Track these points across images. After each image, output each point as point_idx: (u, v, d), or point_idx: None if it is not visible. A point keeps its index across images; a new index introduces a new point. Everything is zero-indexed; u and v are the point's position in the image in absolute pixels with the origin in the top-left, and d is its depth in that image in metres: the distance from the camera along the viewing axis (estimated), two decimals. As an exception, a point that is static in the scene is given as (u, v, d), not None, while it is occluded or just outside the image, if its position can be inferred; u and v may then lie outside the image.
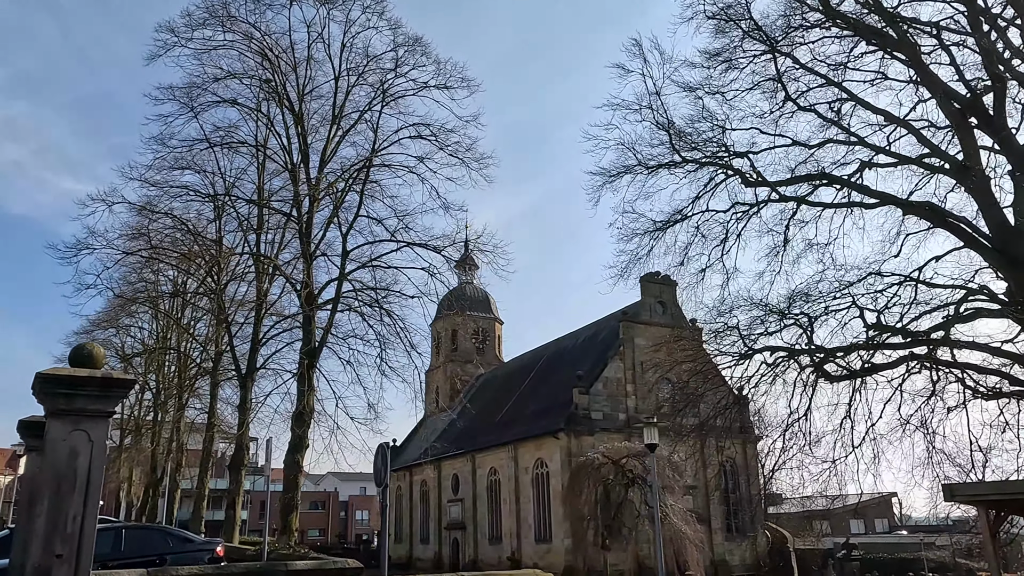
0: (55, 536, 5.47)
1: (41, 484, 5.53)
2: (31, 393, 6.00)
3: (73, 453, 5.69)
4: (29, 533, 5.39)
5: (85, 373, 5.77)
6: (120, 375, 6.00)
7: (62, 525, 5.51)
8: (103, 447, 5.78)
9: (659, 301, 42.40)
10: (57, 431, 5.64)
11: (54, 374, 5.66)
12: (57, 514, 5.51)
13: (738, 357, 21.70)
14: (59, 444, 5.62)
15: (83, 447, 5.72)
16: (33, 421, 8.12)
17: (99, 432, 5.79)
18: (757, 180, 21.01)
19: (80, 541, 5.52)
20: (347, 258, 20.25)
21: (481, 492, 45.54)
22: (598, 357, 41.59)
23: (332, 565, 8.58)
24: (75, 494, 5.62)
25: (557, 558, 36.41)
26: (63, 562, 5.42)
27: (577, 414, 37.57)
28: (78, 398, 5.74)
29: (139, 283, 34.48)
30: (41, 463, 5.66)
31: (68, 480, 5.61)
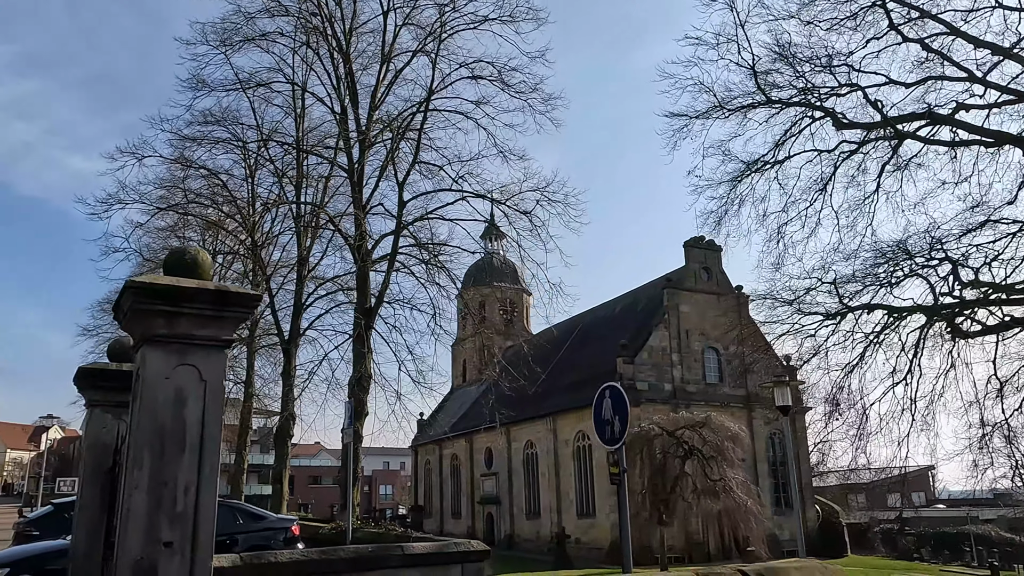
0: (159, 516, 3.74)
1: (137, 443, 3.78)
2: (113, 316, 4.27)
3: (179, 397, 3.94)
4: (126, 512, 3.65)
5: (193, 284, 4.01)
6: (240, 289, 4.23)
7: (168, 501, 3.79)
8: (220, 390, 4.03)
9: (704, 267, 40.47)
10: (156, 366, 3.90)
11: (150, 284, 3.89)
12: (160, 485, 3.78)
13: (824, 317, 19.82)
14: (159, 385, 3.88)
15: (193, 389, 3.98)
16: (92, 368, 6.38)
17: (213, 369, 4.04)
18: (850, 122, 18.96)
19: (197, 523, 3.79)
20: (403, 209, 18.45)
21: (517, 466, 44.06)
22: (640, 326, 39.77)
23: (454, 548, 6.93)
24: (185, 456, 3.89)
25: (602, 533, 34.92)
26: (173, 552, 3.69)
27: (622, 384, 35.85)
28: (183, 319, 3.99)
29: (163, 252, 32.82)
30: (135, 413, 3.92)
31: (175, 436, 3.88)
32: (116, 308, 4.17)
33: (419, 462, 58.35)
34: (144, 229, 26.28)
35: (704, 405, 36.09)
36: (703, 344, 38.84)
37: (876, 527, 47.14)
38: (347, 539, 9.90)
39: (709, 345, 39.11)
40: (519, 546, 41.93)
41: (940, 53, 18.47)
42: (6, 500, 63.64)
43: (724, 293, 40.34)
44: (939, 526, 50.32)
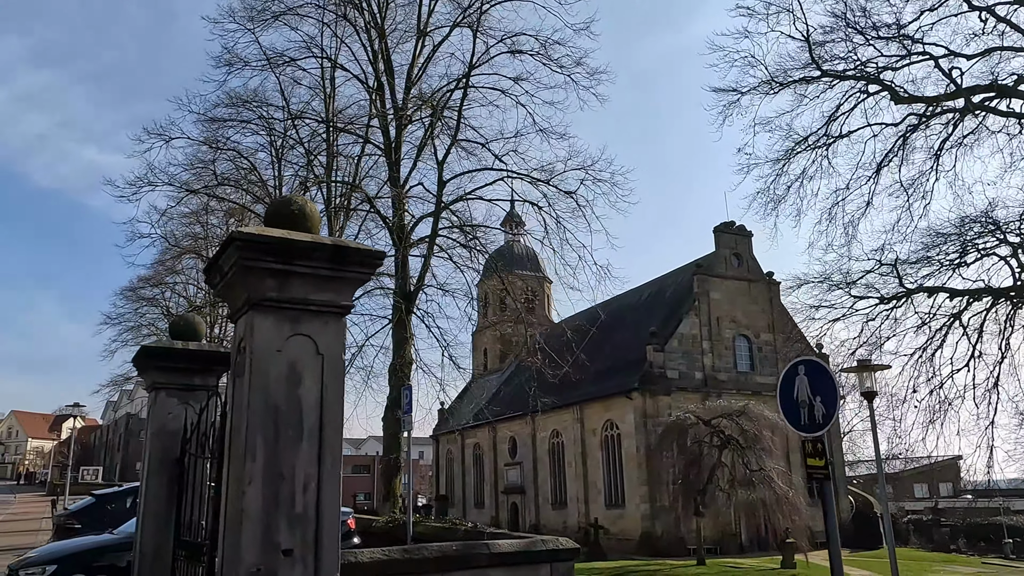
0: (277, 517, 3.06)
1: (248, 427, 3.10)
2: (206, 279, 3.58)
3: (293, 374, 3.26)
4: (237, 512, 2.97)
5: (307, 238, 3.30)
6: (361, 244, 3.54)
7: (286, 499, 3.10)
8: (340, 367, 3.34)
9: (734, 253, 39.48)
10: (267, 336, 3.21)
11: (260, 236, 3.19)
12: (276, 479, 3.09)
13: (879, 301, 18.95)
14: (271, 358, 3.19)
15: (308, 364, 3.29)
16: (157, 348, 5.71)
17: (331, 341, 3.35)
18: (910, 96, 18.02)
19: (320, 526, 3.11)
20: (443, 189, 17.70)
21: (542, 455, 43.39)
22: (669, 313, 38.89)
23: (542, 546, 6.24)
24: (303, 444, 3.21)
25: (632, 524, 34.21)
26: (294, 562, 3.01)
27: (652, 372, 35.03)
28: (296, 280, 3.30)
29: (186, 240, 32.40)
30: (240, 392, 3.24)
31: (290, 421, 3.19)
32: (211, 269, 3.49)
33: (440, 451, 57.89)
34: (167, 216, 25.77)
35: (735, 393, 35.25)
36: (734, 331, 37.95)
37: (904, 518, 46.22)
38: (408, 533, 9.29)
39: (740, 332, 38.22)
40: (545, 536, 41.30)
41: (1008, 21, 17.51)
42: (29, 489, 63.82)
43: (755, 280, 39.38)
44: (970, 517, 49.33)
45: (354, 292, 3.56)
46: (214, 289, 3.62)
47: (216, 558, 3.37)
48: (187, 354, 5.60)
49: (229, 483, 3.21)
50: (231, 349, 3.53)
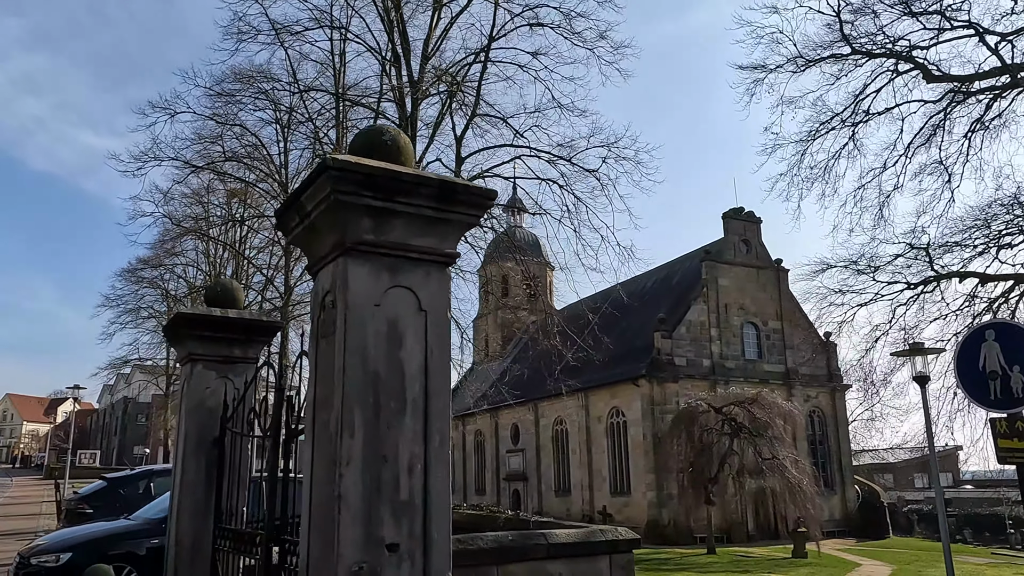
0: (379, 506, 2.50)
1: (339, 397, 2.53)
2: (278, 223, 3.01)
3: (393, 334, 2.70)
4: (327, 501, 2.41)
5: (411, 172, 2.73)
6: (468, 182, 2.96)
7: (389, 484, 2.55)
8: (445, 326, 2.78)
9: (743, 239, 38.97)
10: (363, 287, 2.65)
11: (357, 165, 2.61)
12: (378, 461, 2.54)
13: (906, 286, 18.47)
14: (368, 314, 2.63)
15: (411, 323, 2.74)
16: (194, 315, 5.12)
17: (436, 295, 2.79)
18: (944, 74, 17.46)
19: (428, 516, 2.56)
20: (461, 166, 17.08)
21: (545, 442, 43.02)
22: (677, 300, 38.40)
23: (601, 536, 5.71)
24: (407, 419, 2.65)
25: (638, 512, 33.86)
26: (400, 559, 2.47)
27: (660, 359, 34.57)
28: (397, 222, 2.73)
29: (187, 220, 31.63)
30: (328, 355, 2.67)
31: (391, 390, 2.64)
32: (288, 209, 2.91)
33: (441, 438, 57.53)
34: (169, 196, 25.10)
35: (742, 381, 34.93)
36: (742, 319, 37.51)
37: (904, 508, 46.08)
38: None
39: (748, 320, 37.79)
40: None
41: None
42: (25, 472, 63.24)
43: (764, 267, 38.95)
44: (971, 507, 49.26)
45: (459, 238, 2.99)
46: (288, 235, 3.04)
47: (295, 556, 2.83)
48: (227, 322, 5.03)
49: (315, 466, 2.65)
50: (311, 305, 2.97)
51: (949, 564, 9.18)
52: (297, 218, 2.89)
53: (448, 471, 2.69)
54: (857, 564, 24.16)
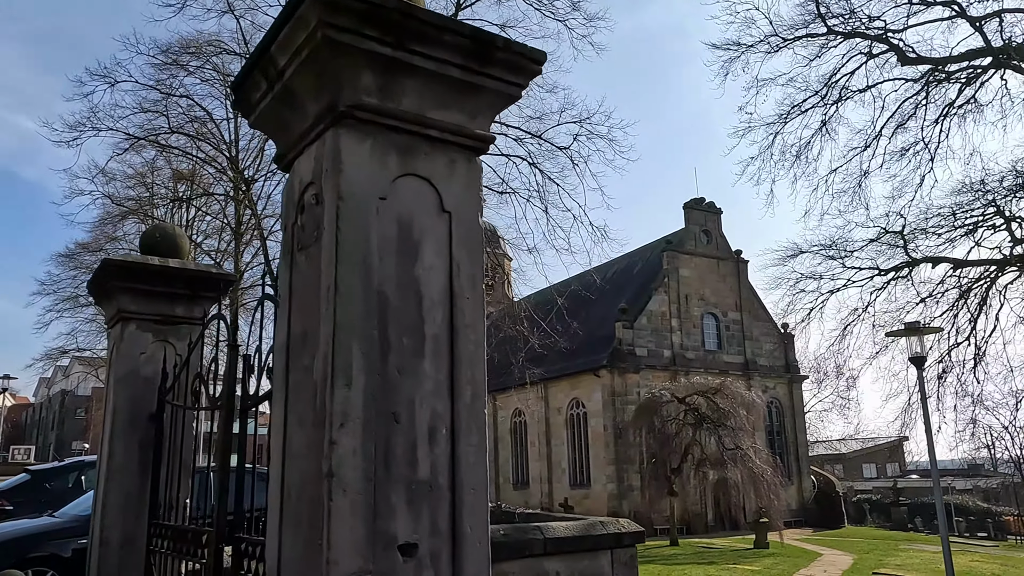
0: (388, 488, 1.66)
1: (330, 329, 1.68)
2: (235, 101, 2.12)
3: (406, 241, 1.85)
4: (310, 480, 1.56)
5: (426, 10, 1.89)
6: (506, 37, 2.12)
7: (401, 457, 1.71)
8: (477, 234, 1.94)
9: (704, 230, 38.82)
10: (363, 170, 1.80)
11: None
12: (385, 422, 1.69)
13: (877, 272, 18.24)
14: (369, 210, 1.78)
15: (429, 226, 1.90)
16: (126, 263, 4.16)
17: (464, 191, 1.96)
18: (918, 56, 17.20)
19: (457, 501, 1.73)
20: None
21: (503, 434, 42.31)
22: (638, 290, 38.03)
23: (602, 529, 4.97)
24: (425, 364, 1.81)
25: (598, 504, 33.42)
26: (420, 565, 1.63)
27: (621, 350, 34.12)
28: (411, 83, 1.89)
29: (129, 202, 29.95)
30: (308, 271, 1.81)
31: (404, 319, 1.79)
32: (248, 76, 2.04)
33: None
34: (108, 176, 23.51)
35: (703, 372, 34.80)
36: (702, 309, 37.36)
37: (854, 497, 46.73)
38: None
39: (708, 311, 37.66)
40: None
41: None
42: (-49, 469, 59.80)
43: (724, 257, 38.89)
44: (918, 496, 50.29)
45: (492, 118, 2.15)
46: (251, 113, 2.16)
47: (257, 560, 1.98)
48: (167, 273, 4.09)
49: (291, 433, 1.80)
50: (283, 213, 2.10)
51: (948, 560, 8.70)
52: (264, 83, 2.02)
53: (485, 438, 1.86)
54: (819, 554, 24.07)
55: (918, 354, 9.40)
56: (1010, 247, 17.03)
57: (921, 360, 9.40)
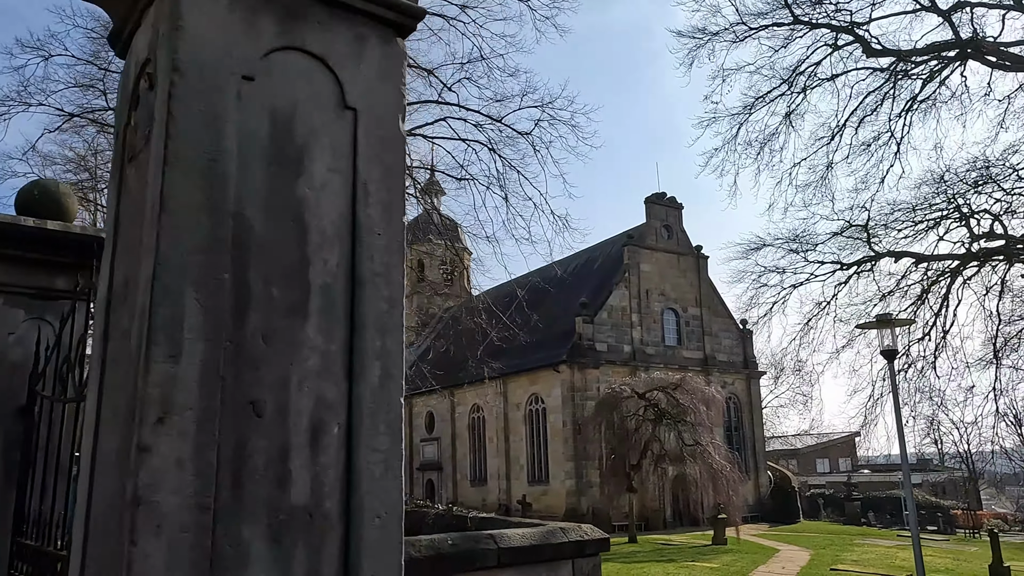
0: (239, 518, 1.01)
1: (150, 270, 1.03)
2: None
3: (284, 137, 1.21)
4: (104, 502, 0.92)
5: None
6: None
7: (266, 468, 1.06)
8: (398, 144, 1.31)
9: (664, 225, 38.64)
10: (214, 30, 1.14)
11: None
12: (238, 414, 1.05)
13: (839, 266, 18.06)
14: (223, 92, 1.13)
15: (321, 126, 1.25)
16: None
17: (377, 84, 1.31)
18: (883, 48, 17.02)
19: (354, 538, 1.10)
20: None
21: (461, 430, 41.68)
22: (599, 284, 37.70)
23: (563, 537, 4.36)
24: (309, 326, 1.16)
25: (557, 500, 33.03)
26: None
27: (581, 345, 33.72)
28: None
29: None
30: (136, 183, 1.16)
31: (276, 255, 1.14)
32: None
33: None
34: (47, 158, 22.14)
35: (663, 367, 34.61)
36: (663, 305, 37.18)
37: (807, 492, 47.28)
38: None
39: (668, 306, 37.50)
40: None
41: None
42: None
43: (684, 253, 38.78)
44: (870, 491, 51.15)
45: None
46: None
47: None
48: (46, 237, 3.36)
49: (101, 432, 1.15)
50: (117, 104, 1.45)
51: (918, 553, 8.35)
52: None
53: (399, 440, 1.24)
54: (776, 550, 23.97)
55: (890, 347, 9.03)
56: (968, 243, 16.98)
57: (892, 353, 9.05)
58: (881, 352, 8.96)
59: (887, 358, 9.05)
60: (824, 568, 19.35)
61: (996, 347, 15.57)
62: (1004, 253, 14.77)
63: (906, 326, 11.34)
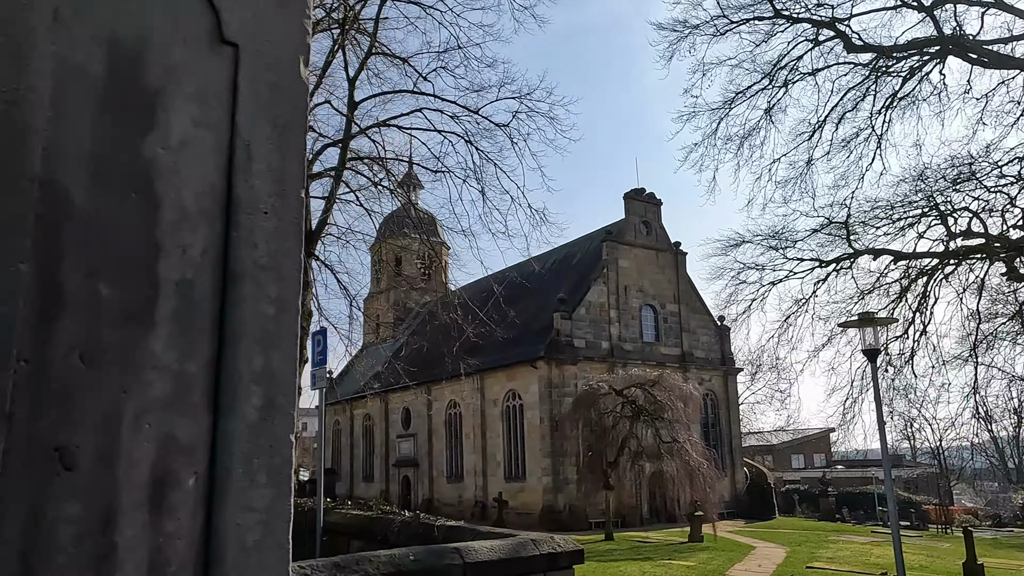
0: None
1: None
2: None
3: (131, 82, 0.85)
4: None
5: None
6: None
7: (75, 551, 0.71)
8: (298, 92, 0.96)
9: (643, 221, 38.49)
10: None
11: None
12: (37, 479, 0.70)
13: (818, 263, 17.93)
14: (31, 7, 0.77)
15: (190, 63, 0.89)
16: None
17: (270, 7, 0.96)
18: (865, 44, 16.88)
19: None
20: (355, 111, 14.76)
21: (438, 426, 41.33)
22: (578, 280, 37.48)
23: (534, 549, 4.09)
24: (153, 343, 0.82)
25: (534, 497, 32.80)
26: None
27: (559, 341, 33.45)
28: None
29: None
30: None
31: (110, 246, 0.79)
32: None
33: (327, 423, 54.78)
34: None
35: (640, 364, 34.48)
36: (641, 301, 37.05)
37: (783, 488, 47.58)
38: (318, 525, 6.82)
39: (646, 302, 37.39)
40: (439, 510, 39.41)
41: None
42: None
43: (663, 249, 38.68)
44: (844, 487, 51.54)
45: None
46: None
47: None
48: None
49: None
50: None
51: (899, 553, 8.16)
52: None
53: (288, 493, 0.89)
54: (752, 547, 23.91)
55: (871, 346, 8.81)
56: (946, 241, 16.93)
57: (874, 353, 8.83)
58: (863, 351, 8.75)
59: (869, 358, 8.84)
60: (800, 566, 19.27)
61: (976, 344, 15.52)
62: (982, 251, 14.70)
63: (889, 324, 11.18)
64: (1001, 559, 21.88)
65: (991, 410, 22.04)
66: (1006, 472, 57.26)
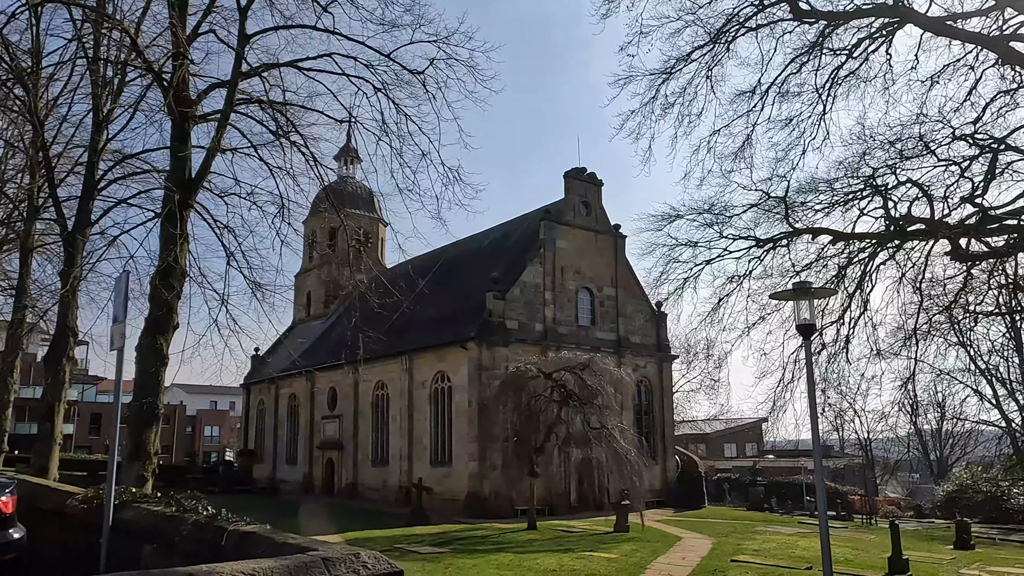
0: None
1: None
2: None
3: None
4: None
5: None
6: None
7: None
8: None
9: (583, 201, 37.44)
10: None
11: None
12: None
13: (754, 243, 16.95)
14: None
15: None
16: None
17: None
18: (812, 9, 15.90)
19: None
20: (247, 48, 12.94)
21: (364, 408, 39.70)
22: (513, 260, 36.18)
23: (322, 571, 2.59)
24: None
25: (459, 483, 31.59)
26: None
27: (491, 322, 32.13)
28: None
29: None
30: None
31: None
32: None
33: (251, 402, 52.32)
34: None
35: (575, 348, 33.50)
36: (577, 283, 36.03)
37: (714, 476, 47.58)
38: (106, 520, 5.32)
39: (583, 285, 36.39)
40: (363, 495, 37.90)
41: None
42: None
43: (602, 231, 37.72)
44: (774, 476, 51.87)
45: None
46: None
47: None
48: None
49: None
50: None
51: (826, 542, 7.07)
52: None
53: None
54: (679, 538, 23.12)
55: (807, 321, 7.66)
56: (886, 224, 16.16)
57: (809, 329, 7.69)
58: (797, 327, 7.59)
59: (803, 334, 7.70)
60: (724, 559, 18.46)
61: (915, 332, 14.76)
62: (926, 228, 13.90)
63: (824, 298, 10.15)
64: (924, 552, 21.56)
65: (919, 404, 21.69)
66: (928, 464, 58.63)
